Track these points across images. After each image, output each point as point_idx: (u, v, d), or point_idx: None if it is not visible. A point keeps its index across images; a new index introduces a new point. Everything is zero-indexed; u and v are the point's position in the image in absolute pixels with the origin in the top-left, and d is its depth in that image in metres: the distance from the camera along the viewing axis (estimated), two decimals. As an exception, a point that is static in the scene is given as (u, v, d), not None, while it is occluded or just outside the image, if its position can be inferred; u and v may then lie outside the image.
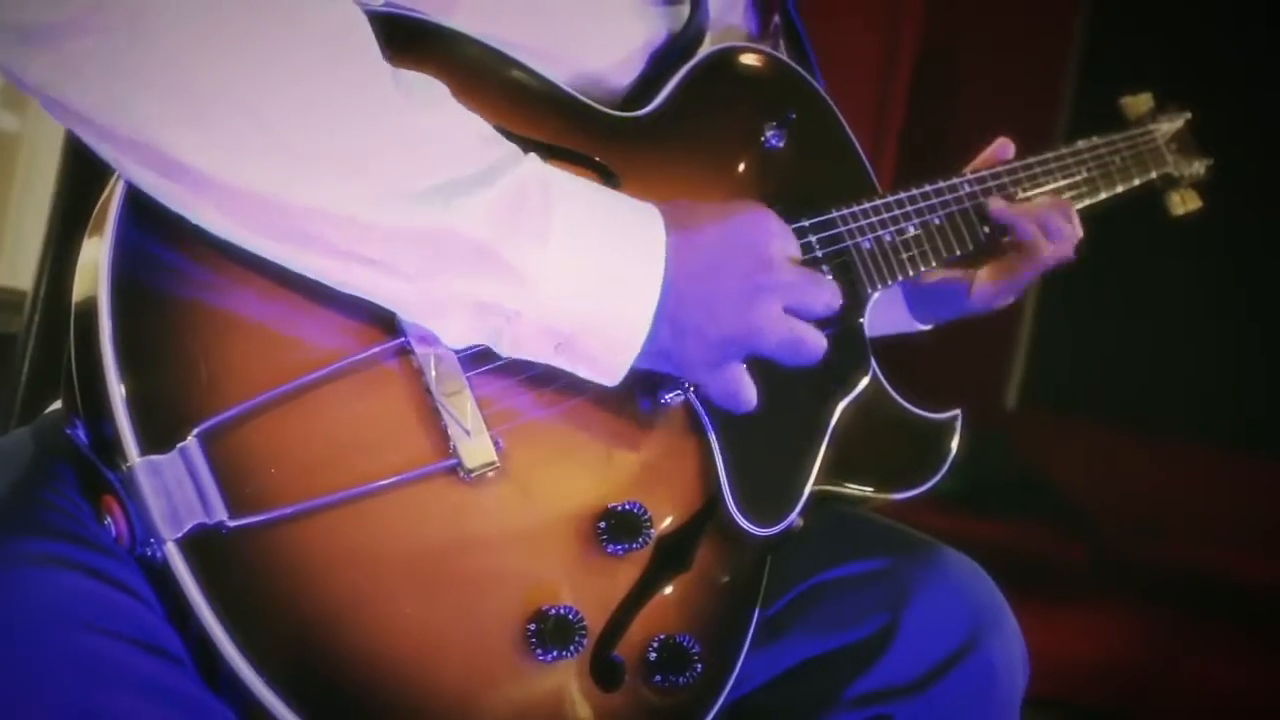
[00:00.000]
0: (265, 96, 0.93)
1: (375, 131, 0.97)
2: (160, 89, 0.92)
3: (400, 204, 0.97)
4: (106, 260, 0.97)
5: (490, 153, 1.02)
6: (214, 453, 0.96)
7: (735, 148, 1.28)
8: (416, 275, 0.99)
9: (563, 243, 1.01)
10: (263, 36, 0.94)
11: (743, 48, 1.33)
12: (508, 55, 1.15)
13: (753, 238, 1.12)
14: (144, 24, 0.91)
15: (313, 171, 0.95)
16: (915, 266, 1.37)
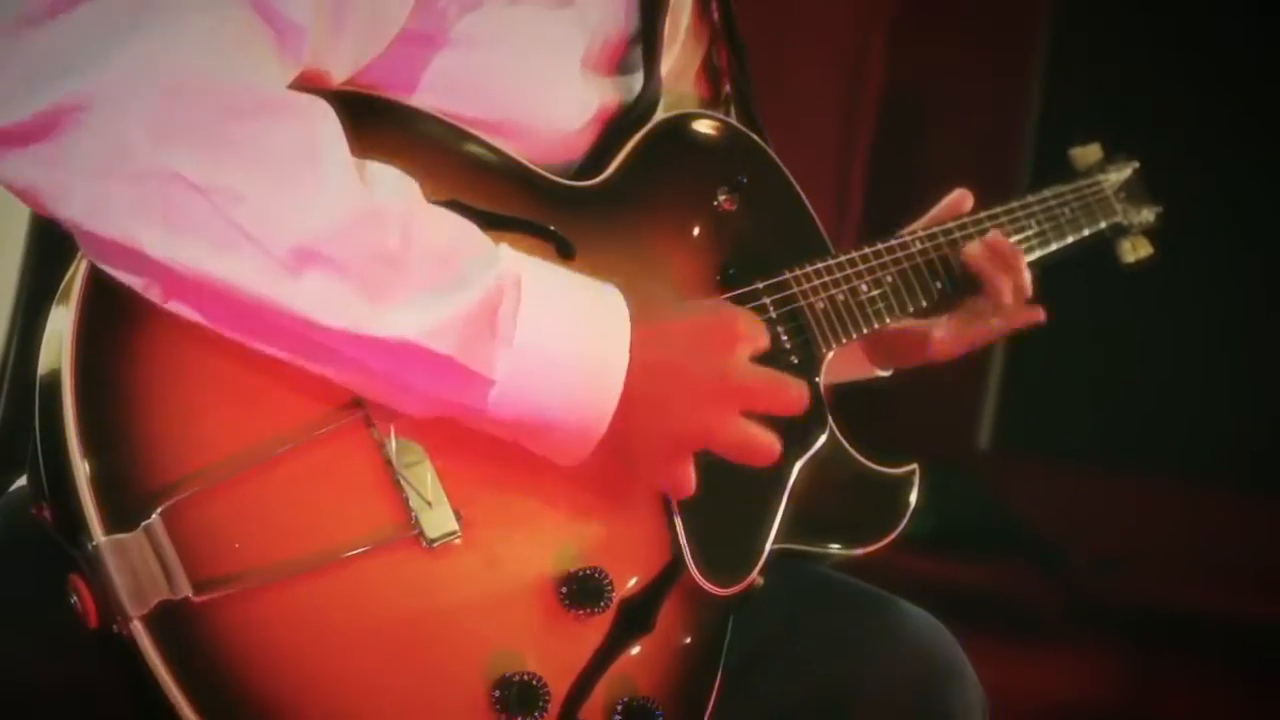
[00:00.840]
0: (235, 199, 0.95)
1: (346, 241, 0.98)
2: (129, 190, 0.94)
3: (369, 315, 0.98)
4: (71, 335, 0.99)
5: (461, 258, 1.03)
6: (177, 529, 0.98)
7: (689, 212, 1.31)
8: (382, 375, 1.01)
9: (528, 345, 1.03)
10: (232, 137, 0.95)
11: (693, 114, 1.36)
12: (465, 130, 1.18)
13: (718, 341, 1.13)
14: (112, 125, 0.92)
15: (283, 275, 0.96)
16: (870, 324, 1.40)
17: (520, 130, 1.22)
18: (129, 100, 0.92)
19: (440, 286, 1.00)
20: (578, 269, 1.17)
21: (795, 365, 1.32)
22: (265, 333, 0.99)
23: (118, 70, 0.92)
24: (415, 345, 0.99)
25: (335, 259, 0.97)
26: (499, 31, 1.18)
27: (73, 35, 0.93)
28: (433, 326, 0.99)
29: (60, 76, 0.92)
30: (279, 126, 0.97)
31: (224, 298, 0.97)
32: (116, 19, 0.93)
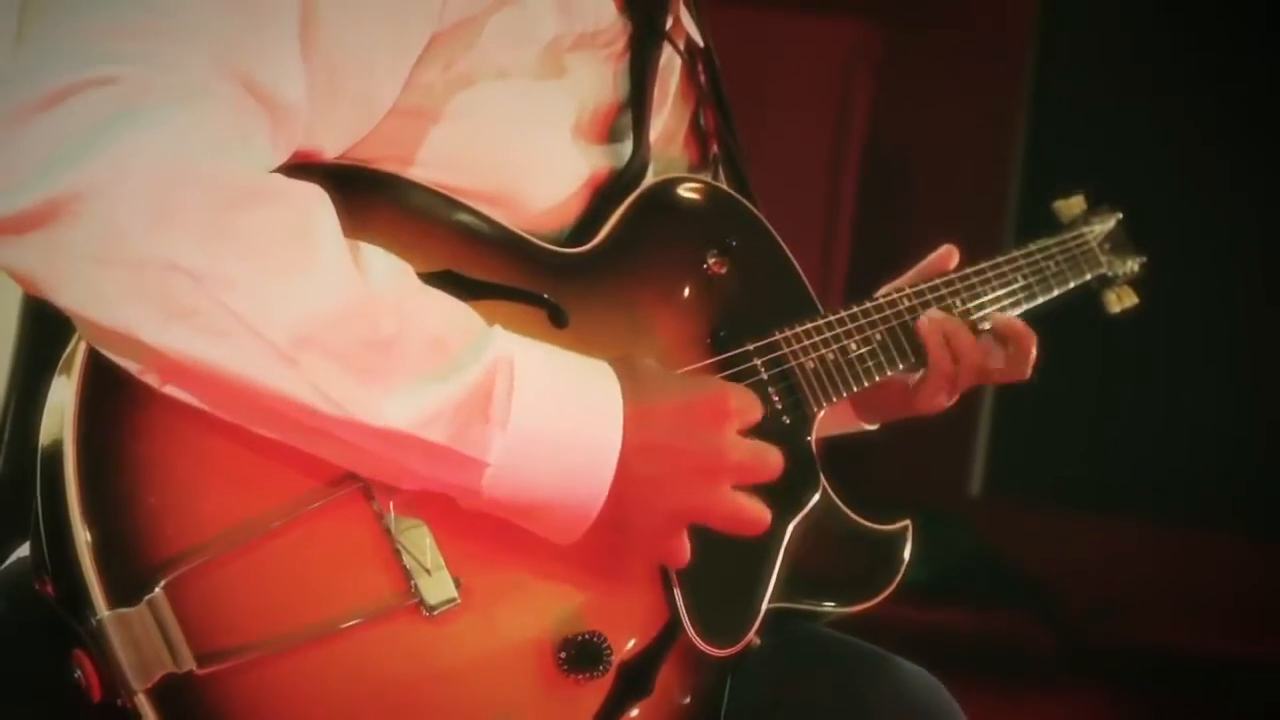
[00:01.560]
0: (230, 287, 0.96)
1: (340, 329, 0.99)
2: (126, 278, 0.94)
3: (363, 403, 0.99)
4: (73, 408, 1.00)
5: (455, 343, 1.04)
6: (180, 602, 0.99)
7: (679, 276, 1.32)
8: (376, 457, 1.03)
9: (521, 428, 1.04)
10: (227, 225, 0.96)
11: (681, 179, 1.37)
12: (457, 200, 1.19)
13: (710, 420, 1.14)
14: (108, 214, 0.93)
15: (278, 363, 0.97)
16: (859, 382, 1.41)
17: (512, 200, 1.23)
18: (123, 189, 0.93)
19: (434, 373, 1.02)
20: (570, 335, 1.18)
21: (787, 425, 1.34)
22: (260, 418, 1.01)
23: (112, 160, 0.93)
24: (408, 435, 1.00)
25: (330, 347, 0.98)
26: (490, 105, 1.20)
27: (69, 125, 0.93)
28: (426, 415, 1.00)
29: (57, 166, 0.93)
30: (273, 214, 0.98)
31: (219, 384, 0.98)
32: (112, 108, 0.94)
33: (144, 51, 0.97)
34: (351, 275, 1.01)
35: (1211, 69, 4.14)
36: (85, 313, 0.96)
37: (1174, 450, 4.02)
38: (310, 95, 1.05)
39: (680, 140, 1.47)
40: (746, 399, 1.18)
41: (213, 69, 0.99)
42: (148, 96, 0.95)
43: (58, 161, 0.93)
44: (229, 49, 1.01)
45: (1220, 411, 4.00)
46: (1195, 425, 4.02)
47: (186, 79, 0.98)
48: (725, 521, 1.15)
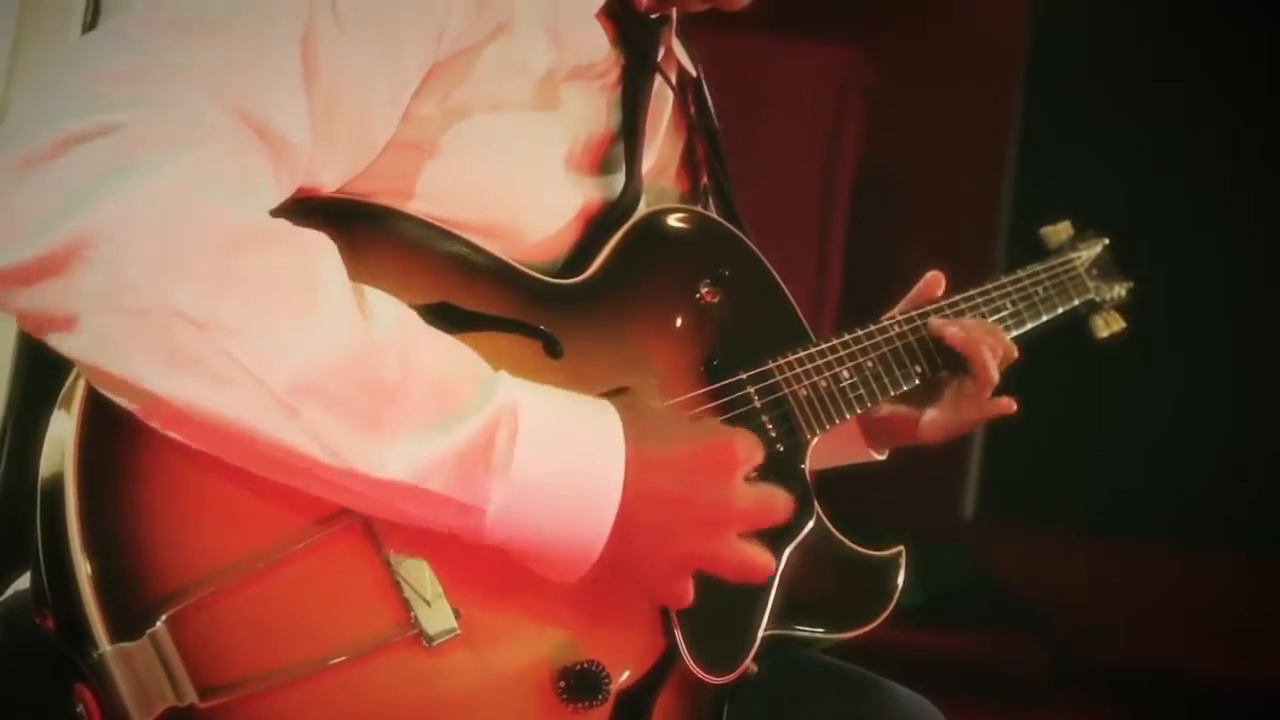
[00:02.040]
0: (233, 335, 0.96)
1: (343, 378, 1.00)
2: (131, 325, 0.95)
3: (365, 453, 1.00)
4: (73, 442, 1.01)
5: (458, 391, 1.04)
6: (181, 636, 0.99)
7: (672, 306, 1.33)
8: (378, 503, 1.04)
9: (524, 475, 1.05)
10: (231, 272, 0.97)
11: (674, 209, 1.39)
12: (454, 234, 1.20)
13: (716, 469, 1.15)
14: (114, 262, 0.94)
15: (281, 412, 0.98)
16: (851, 409, 1.43)
17: (507, 231, 1.24)
18: (128, 238, 0.94)
19: (436, 422, 1.02)
20: (565, 366, 1.20)
21: (781, 453, 1.35)
22: (261, 464, 1.01)
23: (116, 208, 0.94)
24: (409, 485, 1.01)
25: (332, 396, 0.99)
26: (486, 137, 1.21)
27: (72, 175, 0.94)
28: (428, 465, 1.01)
29: (61, 216, 0.93)
30: (278, 261, 0.99)
31: (220, 431, 0.98)
32: (114, 157, 0.95)
33: (145, 97, 0.98)
34: (355, 323, 1.01)
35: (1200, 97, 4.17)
36: (89, 359, 0.97)
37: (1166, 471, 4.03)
38: (311, 131, 1.07)
39: (672, 171, 1.49)
40: (750, 444, 1.18)
41: (214, 111, 1.01)
42: (150, 143, 0.96)
43: (62, 212, 0.93)
44: (230, 90, 1.02)
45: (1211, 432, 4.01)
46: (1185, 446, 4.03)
47: (188, 123, 0.99)
48: (733, 571, 1.16)
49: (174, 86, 1.00)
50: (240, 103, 1.02)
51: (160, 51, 1.01)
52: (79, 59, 1.02)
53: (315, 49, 1.07)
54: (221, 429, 0.98)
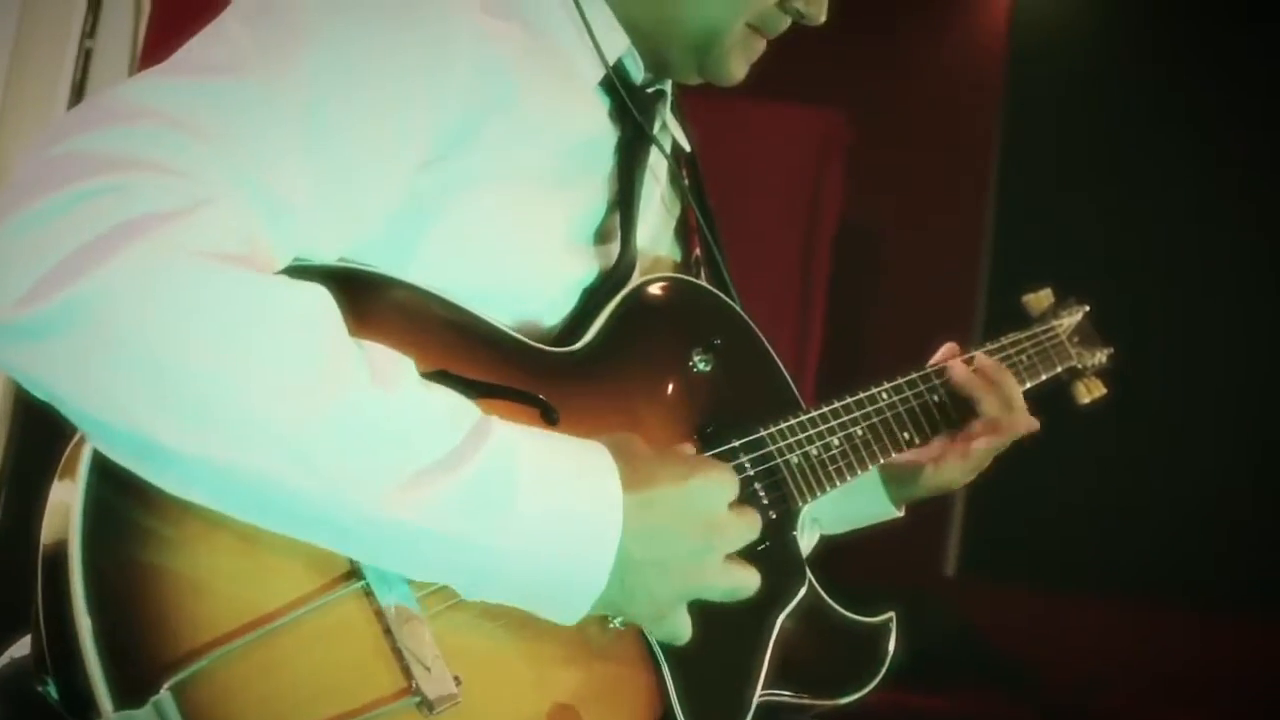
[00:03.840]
0: (243, 390, 0.98)
1: (348, 429, 1.01)
2: (140, 384, 0.96)
3: (370, 499, 1.02)
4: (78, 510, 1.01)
5: (456, 436, 1.06)
6: (186, 703, 1.00)
7: (666, 374, 1.36)
8: (383, 549, 1.05)
9: (524, 515, 1.07)
10: (236, 331, 0.98)
11: (667, 279, 1.40)
12: (450, 301, 1.22)
13: (706, 503, 1.18)
14: (121, 322, 0.95)
15: (292, 463, 0.99)
16: (841, 477, 1.45)
17: (504, 299, 1.26)
18: (130, 298, 0.95)
19: (436, 465, 1.04)
20: (561, 433, 1.20)
21: (773, 520, 1.37)
22: (272, 516, 1.03)
23: (122, 268, 0.95)
24: (413, 525, 1.03)
25: (337, 445, 1.00)
26: (486, 209, 1.24)
27: (79, 231, 0.95)
28: (430, 506, 1.03)
29: (69, 274, 0.94)
30: (281, 317, 1.01)
31: (233, 484, 1.00)
32: (120, 215, 0.96)
33: (150, 160, 1.00)
34: (357, 374, 1.03)
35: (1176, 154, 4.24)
36: (99, 417, 0.98)
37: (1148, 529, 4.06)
38: (312, 199, 1.09)
39: (666, 240, 1.52)
40: (729, 477, 1.22)
41: (219, 175, 1.03)
42: (155, 204, 0.98)
43: (66, 268, 0.95)
44: (235, 155, 1.04)
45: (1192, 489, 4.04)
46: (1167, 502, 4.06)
47: (192, 186, 1.01)
48: (724, 594, 1.19)
49: (182, 153, 1.02)
50: (243, 171, 1.04)
51: (169, 118, 1.03)
52: (85, 120, 1.03)
53: (320, 118, 1.09)
54: (228, 480, 0.99)
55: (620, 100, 1.38)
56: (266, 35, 1.10)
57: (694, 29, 1.36)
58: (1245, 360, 4.11)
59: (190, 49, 1.12)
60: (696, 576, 1.17)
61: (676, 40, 1.38)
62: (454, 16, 1.19)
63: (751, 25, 1.38)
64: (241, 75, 1.07)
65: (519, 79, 1.24)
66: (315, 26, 1.12)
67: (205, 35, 1.13)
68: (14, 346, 0.96)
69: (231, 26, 1.12)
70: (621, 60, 1.38)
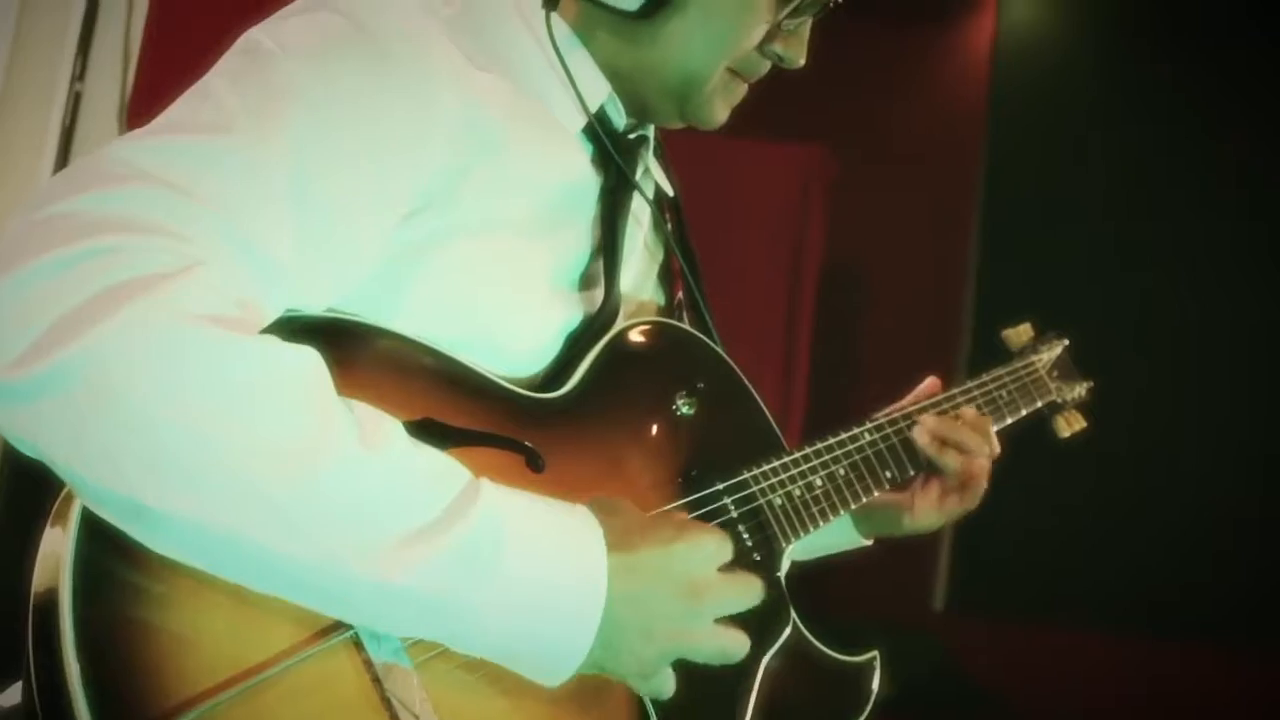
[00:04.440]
0: (231, 453, 0.98)
1: (336, 491, 1.02)
2: (130, 445, 0.97)
3: (357, 561, 1.02)
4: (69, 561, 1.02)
5: (444, 499, 1.07)
6: None
7: (650, 418, 1.37)
8: (368, 611, 1.06)
9: (510, 579, 1.07)
10: (227, 393, 0.99)
11: (649, 323, 1.42)
12: (436, 349, 1.23)
13: (694, 567, 1.18)
14: (114, 385, 0.96)
15: (278, 526, 1.00)
16: (825, 517, 1.46)
17: (490, 347, 1.27)
18: (122, 360, 0.96)
19: (425, 528, 1.04)
20: (547, 479, 1.22)
21: (757, 562, 1.38)
22: (259, 577, 1.03)
23: (113, 329, 0.96)
24: (401, 589, 1.03)
25: (325, 507, 1.01)
26: (471, 258, 1.25)
27: (72, 293, 0.96)
28: (418, 570, 1.03)
29: (60, 335, 0.95)
30: (272, 381, 1.02)
31: (220, 545, 1.00)
32: (114, 277, 0.97)
33: (142, 221, 1.01)
34: (347, 439, 1.04)
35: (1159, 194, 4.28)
36: (89, 476, 0.98)
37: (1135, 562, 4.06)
38: (301, 257, 1.10)
39: (649, 284, 1.53)
40: (720, 540, 1.22)
41: (208, 235, 1.04)
42: (146, 266, 0.99)
43: (58, 331, 0.95)
44: (224, 215, 1.05)
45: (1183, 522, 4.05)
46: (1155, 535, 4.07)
47: (185, 247, 1.02)
48: (710, 657, 1.20)
49: (172, 214, 1.03)
50: (233, 230, 1.06)
51: (156, 177, 1.04)
52: (75, 181, 1.04)
53: (306, 178, 1.11)
54: (220, 543, 1.00)
55: (603, 147, 1.39)
56: (252, 95, 1.12)
57: (675, 75, 1.38)
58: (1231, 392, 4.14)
59: (176, 109, 1.13)
60: (682, 640, 1.17)
61: (657, 86, 1.40)
62: (436, 73, 1.21)
63: (732, 70, 1.40)
64: (228, 136, 1.09)
65: (502, 131, 1.25)
66: (300, 86, 1.13)
67: (191, 95, 1.14)
68: (6, 408, 0.97)
69: (217, 86, 1.14)
70: (603, 107, 1.40)
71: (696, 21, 1.34)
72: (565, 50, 1.35)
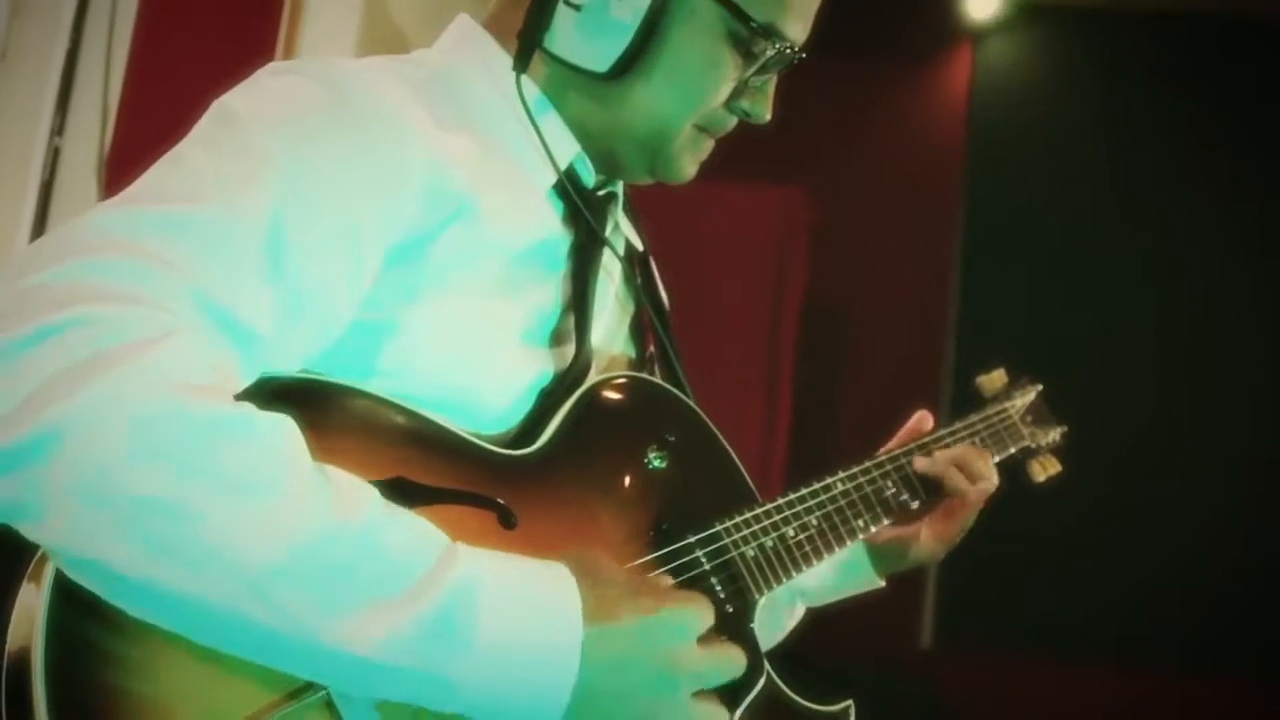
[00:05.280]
0: (204, 520, 0.99)
1: (310, 559, 1.02)
2: (104, 514, 0.97)
3: (330, 630, 1.02)
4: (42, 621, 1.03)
5: (419, 567, 1.07)
6: None
7: (622, 473, 1.37)
8: (341, 677, 1.07)
9: (485, 646, 1.07)
10: (200, 460, 0.99)
11: (620, 378, 1.42)
12: (407, 408, 1.23)
13: (671, 636, 1.18)
14: (87, 453, 0.96)
15: (249, 594, 1.00)
16: (798, 567, 1.47)
17: (462, 405, 1.28)
18: (100, 429, 0.96)
19: (398, 597, 1.05)
20: (520, 536, 1.23)
21: (730, 614, 1.38)
22: (230, 642, 1.04)
23: (89, 400, 0.96)
24: (373, 660, 1.03)
25: (298, 576, 1.01)
26: (443, 317, 1.26)
27: (47, 365, 0.97)
28: (391, 640, 1.03)
29: (36, 405, 0.96)
30: (245, 447, 1.02)
31: (192, 613, 1.01)
32: (88, 349, 0.98)
33: (119, 290, 1.02)
34: (320, 505, 1.04)
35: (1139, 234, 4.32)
36: (62, 545, 0.99)
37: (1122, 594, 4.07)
38: (273, 321, 1.12)
39: (620, 338, 1.54)
40: (700, 608, 1.22)
41: (184, 303, 1.06)
42: (121, 336, 1.00)
43: (36, 400, 0.96)
44: (198, 284, 1.07)
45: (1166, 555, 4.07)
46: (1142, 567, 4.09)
47: (161, 315, 1.03)
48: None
49: (146, 284, 1.04)
50: (207, 298, 1.07)
51: (132, 246, 1.06)
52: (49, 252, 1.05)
53: (279, 240, 1.12)
54: (192, 611, 1.01)
55: (573, 204, 1.41)
56: (226, 162, 1.14)
57: (643, 133, 1.40)
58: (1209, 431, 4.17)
59: (151, 176, 1.15)
60: (657, 709, 1.17)
61: (626, 144, 1.42)
62: (407, 138, 1.23)
63: (699, 126, 1.43)
64: (202, 203, 1.11)
65: (472, 193, 1.27)
66: (272, 154, 1.15)
67: (165, 162, 1.16)
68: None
69: (191, 153, 1.16)
70: (573, 165, 1.42)
71: (664, 81, 1.37)
72: (535, 111, 1.37)
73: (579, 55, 1.35)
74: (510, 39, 1.39)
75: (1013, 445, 1.89)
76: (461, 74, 1.39)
